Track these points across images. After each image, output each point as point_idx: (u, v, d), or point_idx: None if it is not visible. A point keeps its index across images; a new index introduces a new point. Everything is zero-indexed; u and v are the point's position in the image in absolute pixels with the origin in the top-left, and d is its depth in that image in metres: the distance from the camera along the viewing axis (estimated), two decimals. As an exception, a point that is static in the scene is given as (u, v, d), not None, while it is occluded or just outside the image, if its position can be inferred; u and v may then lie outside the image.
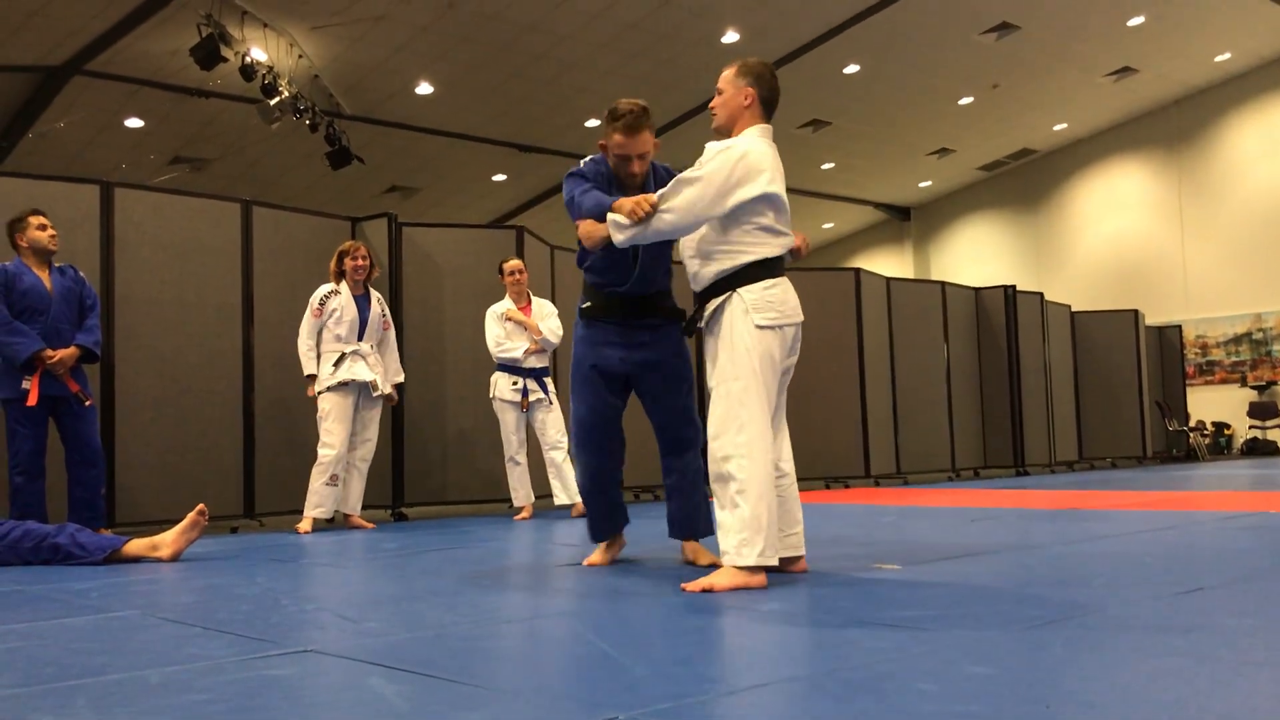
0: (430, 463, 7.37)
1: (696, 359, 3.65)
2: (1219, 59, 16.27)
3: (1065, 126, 18.47)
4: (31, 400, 5.10)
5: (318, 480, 6.04)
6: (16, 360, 5.08)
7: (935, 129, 17.87)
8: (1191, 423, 15.43)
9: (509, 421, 6.75)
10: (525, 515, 6.67)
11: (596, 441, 3.78)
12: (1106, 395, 13.04)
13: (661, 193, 3.20)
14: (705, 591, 2.95)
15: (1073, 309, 13.11)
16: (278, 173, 16.50)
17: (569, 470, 6.64)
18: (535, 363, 6.77)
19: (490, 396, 6.81)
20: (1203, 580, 3.01)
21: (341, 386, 6.10)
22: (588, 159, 3.68)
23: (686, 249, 3.33)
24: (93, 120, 14.20)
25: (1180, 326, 15.55)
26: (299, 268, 6.89)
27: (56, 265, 5.39)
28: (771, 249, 3.18)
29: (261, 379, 6.71)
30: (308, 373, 6.11)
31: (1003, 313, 11.53)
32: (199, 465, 6.39)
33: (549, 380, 6.82)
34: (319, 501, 6.04)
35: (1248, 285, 16.93)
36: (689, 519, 3.78)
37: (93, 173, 7.84)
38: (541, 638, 2.54)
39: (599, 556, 3.84)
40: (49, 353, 5.14)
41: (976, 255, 21.02)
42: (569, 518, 6.40)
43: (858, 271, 9.97)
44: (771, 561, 3.02)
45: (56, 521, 4.81)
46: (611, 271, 3.60)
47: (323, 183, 15.92)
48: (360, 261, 6.21)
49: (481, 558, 4.34)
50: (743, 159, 3.13)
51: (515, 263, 6.88)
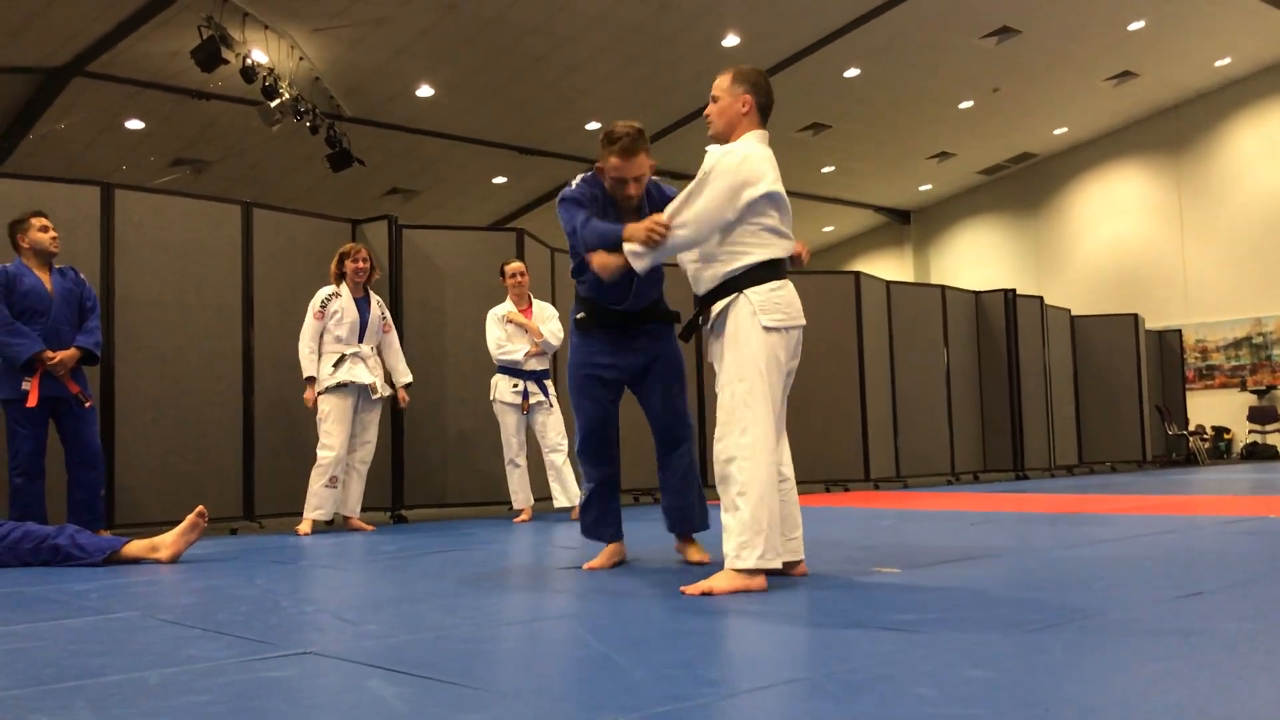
0: (430, 465, 7.37)
1: (696, 361, 3.66)
2: (1219, 63, 16.29)
3: (1065, 130, 18.48)
4: (31, 401, 5.10)
5: (317, 482, 6.05)
6: (17, 361, 5.09)
7: (935, 132, 17.88)
8: (1191, 427, 15.43)
9: (509, 424, 6.75)
10: (525, 518, 6.68)
11: (597, 449, 3.84)
12: (1106, 399, 13.04)
13: (669, 209, 3.19)
14: (704, 594, 2.96)
15: (1073, 313, 13.11)
16: (278, 175, 16.51)
17: (569, 473, 6.65)
18: (536, 365, 6.77)
19: (490, 399, 6.81)
20: (1202, 584, 3.01)
21: (341, 388, 6.10)
22: (578, 180, 3.66)
23: (687, 253, 3.29)
24: (93, 122, 14.21)
25: (1180, 330, 15.56)
26: (299, 270, 6.89)
27: (57, 267, 5.39)
28: (777, 250, 3.16)
29: (261, 381, 6.71)
30: (307, 374, 6.12)
31: (1003, 316, 11.53)
32: (199, 467, 6.39)
33: (549, 383, 6.82)
34: (318, 503, 6.05)
35: (1248, 289, 16.93)
36: (682, 515, 3.86)
37: (93, 174, 7.86)
38: (541, 640, 2.54)
39: (600, 560, 3.85)
40: (49, 354, 5.14)
41: (976, 259, 21.03)
42: (568, 520, 6.39)
43: (858, 275, 9.97)
44: (773, 565, 2.99)
45: (56, 523, 4.81)
46: (608, 290, 3.59)
47: (323, 185, 15.93)
48: (361, 264, 6.22)
49: (481, 560, 4.34)
50: (745, 160, 3.13)
51: (516, 265, 6.88)
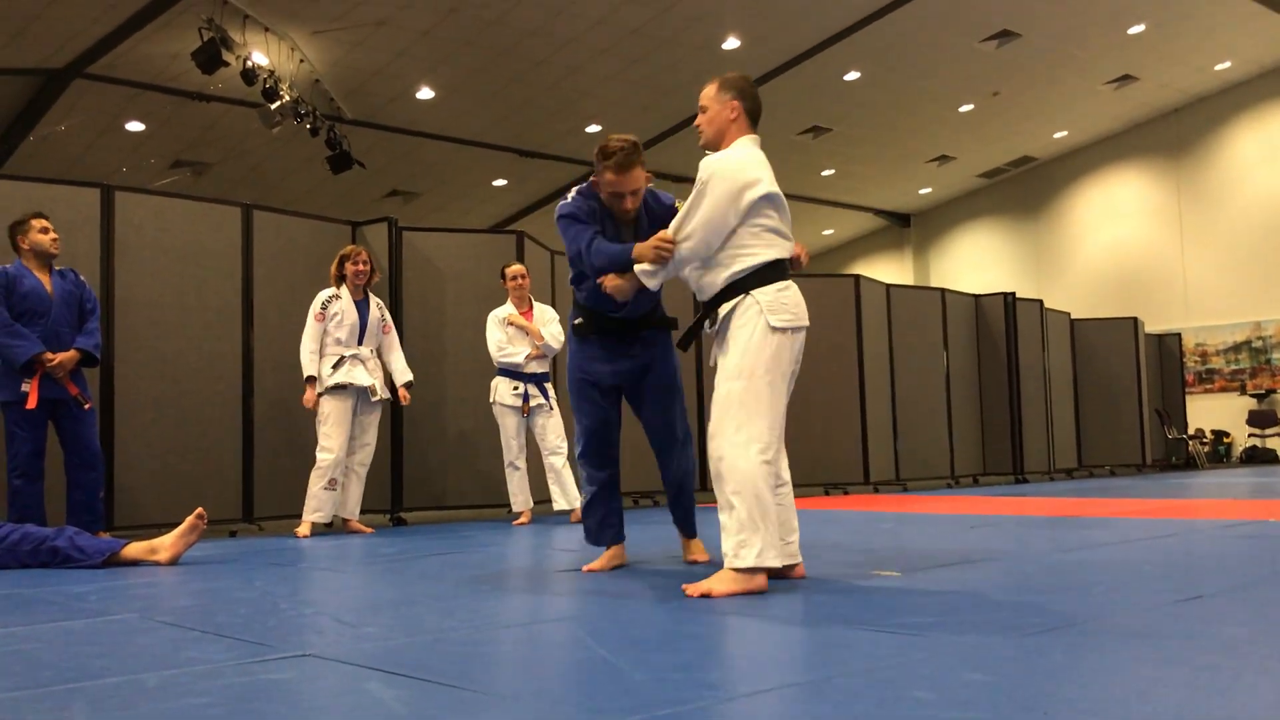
0: (429, 467, 7.37)
1: (697, 366, 3.65)
2: (1219, 67, 16.30)
3: (1065, 134, 18.49)
4: (31, 403, 5.10)
5: (316, 484, 6.05)
6: (16, 363, 5.09)
7: (935, 136, 17.89)
8: (1191, 431, 15.43)
9: (509, 426, 6.75)
10: (524, 520, 6.67)
11: (599, 452, 3.85)
12: (1106, 403, 13.03)
13: (674, 224, 3.21)
14: (704, 596, 2.95)
15: (1072, 316, 13.11)
16: (278, 177, 16.51)
17: (568, 475, 6.65)
18: (536, 368, 6.76)
19: (490, 401, 6.81)
20: (1202, 588, 3.00)
21: (340, 390, 6.10)
22: (573, 193, 3.66)
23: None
24: (94, 124, 14.22)
25: (1180, 334, 15.56)
26: (299, 272, 6.89)
27: (57, 268, 5.39)
28: (780, 250, 3.16)
29: (261, 382, 6.71)
30: (308, 374, 6.10)
31: (1002, 320, 11.53)
32: (198, 468, 6.39)
33: (549, 385, 6.82)
34: (317, 506, 6.05)
35: (1247, 293, 16.94)
36: (682, 517, 3.96)
37: (93, 176, 7.87)
38: (540, 643, 2.54)
39: (599, 563, 3.85)
40: (49, 356, 5.14)
41: (976, 262, 21.04)
42: (568, 523, 6.39)
43: (857, 278, 9.97)
44: (772, 563, 2.96)
45: (55, 524, 4.80)
46: (605, 299, 3.57)
47: (323, 187, 15.93)
48: (361, 266, 6.23)
49: (480, 563, 4.34)
50: (741, 164, 3.14)
51: (517, 268, 6.88)
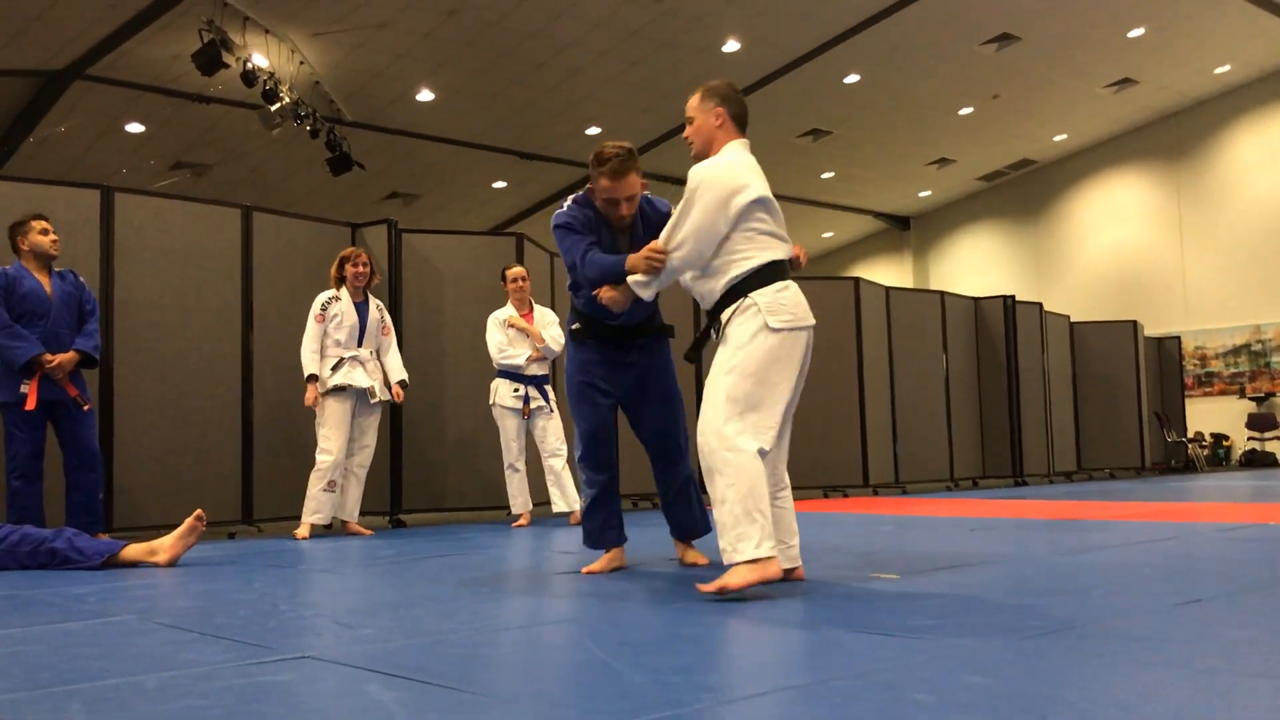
0: (429, 469, 7.37)
1: (697, 374, 3.65)
2: (1219, 71, 16.31)
3: (1065, 137, 18.50)
4: (30, 404, 5.10)
5: (316, 486, 6.05)
6: (15, 364, 5.08)
7: (935, 139, 17.90)
8: (1190, 434, 15.43)
9: (509, 428, 6.75)
10: (524, 522, 6.67)
11: (599, 456, 3.84)
12: (1105, 406, 13.03)
13: (664, 234, 3.22)
14: (720, 591, 2.90)
15: (1072, 319, 13.11)
16: (278, 179, 16.51)
17: (568, 478, 6.65)
18: (536, 370, 6.77)
19: (490, 403, 6.80)
20: (1201, 591, 3.00)
21: (339, 391, 6.10)
22: (569, 202, 3.66)
23: (688, 274, 3.29)
24: (94, 125, 14.22)
25: (1179, 337, 15.56)
26: (299, 273, 6.89)
27: (56, 270, 5.39)
28: (777, 252, 3.15)
29: (261, 384, 6.71)
30: (309, 373, 6.08)
31: (1002, 323, 11.53)
32: (197, 470, 6.38)
33: (549, 388, 6.82)
34: (317, 507, 6.04)
35: (1247, 297, 16.94)
36: (682, 524, 4.00)
37: (93, 178, 7.87)
38: (539, 645, 2.54)
39: (599, 565, 3.85)
40: (48, 357, 5.14)
41: (976, 265, 21.05)
42: (567, 525, 6.39)
43: (857, 281, 9.97)
44: (771, 553, 2.92)
45: (54, 526, 4.80)
46: (603, 308, 3.55)
47: (323, 189, 15.93)
48: (361, 268, 6.23)
49: (480, 565, 4.34)
50: (728, 170, 3.15)
51: (518, 270, 6.88)
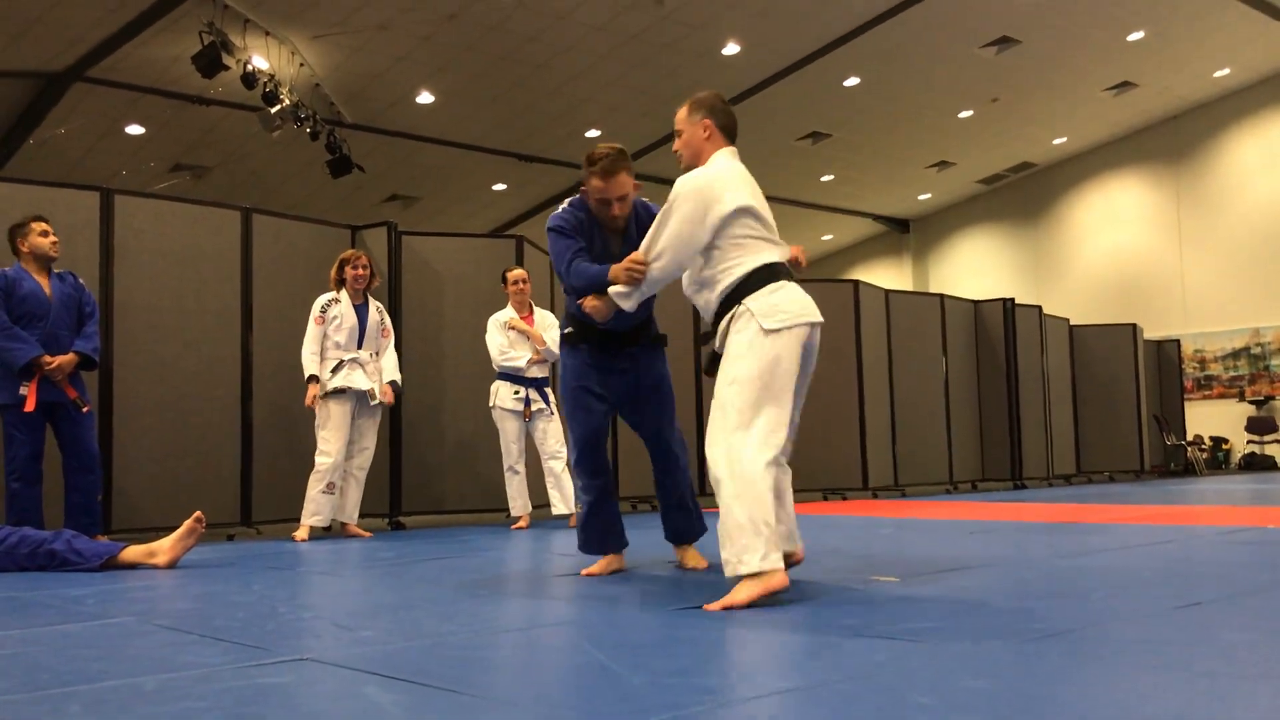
0: (428, 471, 7.37)
1: (696, 383, 3.63)
2: (1218, 74, 16.32)
3: (1065, 140, 18.51)
4: (29, 406, 5.10)
5: (315, 488, 6.04)
6: (14, 366, 5.08)
7: (935, 142, 17.91)
8: (1189, 437, 15.43)
9: (509, 430, 6.74)
10: (523, 525, 6.67)
11: (594, 462, 3.82)
12: (1104, 409, 13.04)
13: (644, 244, 3.22)
14: (727, 609, 2.85)
15: (1071, 322, 13.12)
16: (278, 181, 16.51)
17: (567, 480, 6.64)
18: (537, 372, 6.77)
19: (490, 405, 6.80)
20: (1200, 595, 3.00)
21: (339, 394, 6.10)
22: (565, 205, 3.67)
23: (687, 287, 3.30)
24: (94, 127, 14.22)
25: (1178, 341, 15.57)
26: (299, 276, 6.89)
27: (56, 272, 5.39)
28: (769, 255, 3.13)
29: (260, 386, 6.71)
30: (309, 373, 6.07)
31: (1001, 326, 11.53)
32: (197, 472, 6.38)
33: (549, 390, 6.82)
34: (316, 510, 6.04)
35: (1246, 300, 16.95)
36: (679, 528, 4.01)
37: (93, 179, 7.87)
38: (538, 647, 2.54)
39: (598, 567, 3.84)
40: (47, 359, 5.13)
41: (975, 268, 21.05)
42: (567, 527, 6.39)
43: (857, 283, 9.97)
44: (776, 565, 2.90)
45: (53, 527, 4.80)
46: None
47: (323, 191, 15.93)
48: (361, 271, 6.23)
49: (479, 567, 4.34)
50: (707, 181, 3.14)
51: (519, 272, 6.88)
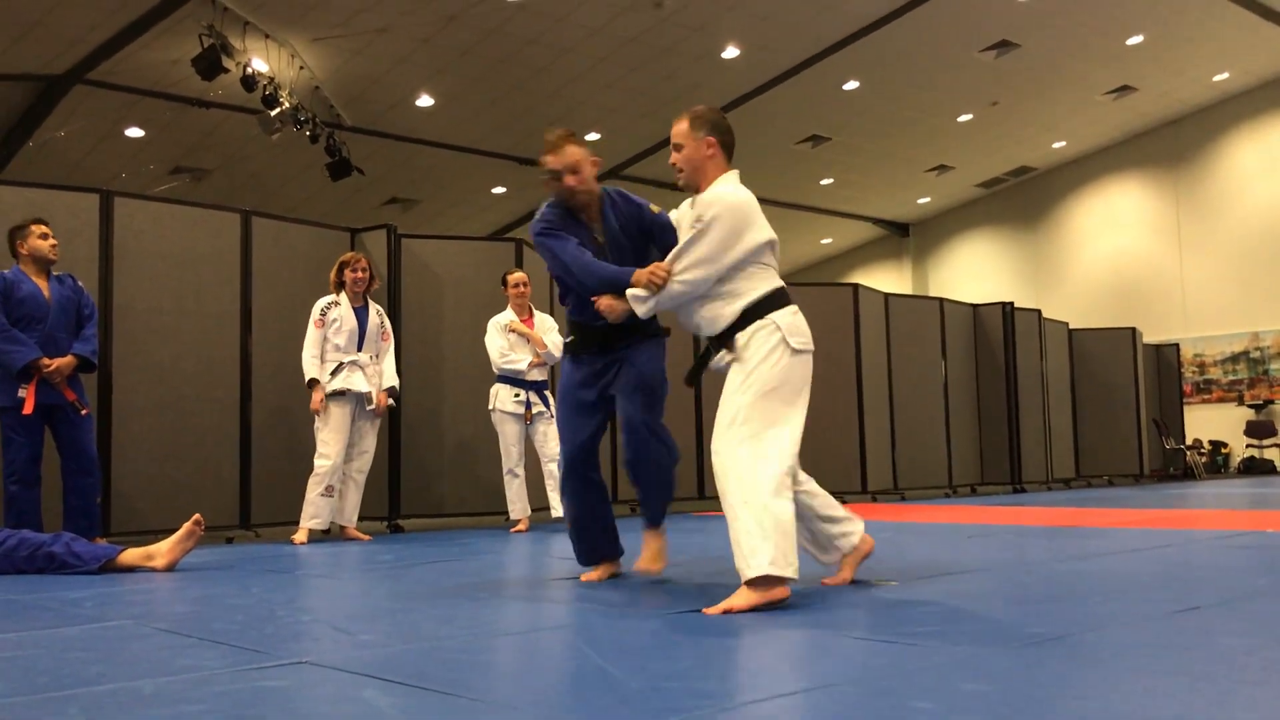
0: (427, 474, 7.36)
1: (696, 393, 3.60)
2: (1217, 78, 16.34)
3: (1064, 144, 18.53)
4: (27, 409, 5.09)
5: (314, 491, 6.04)
6: (13, 368, 5.08)
7: (934, 145, 17.92)
8: (1188, 441, 15.43)
9: (509, 434, 6.74)
10: (522, 528, 6.66)
11: (580, 478, 3.77)
12: (1104, 413, 13.03)
13: (671, 256, 3.24)
14: (726, 613, 2.84)
15: (1070, 326, 13.12)
16: (278, 183, 16.52)
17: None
18: (537, 375, 6.77)
19: (490, 408, 6.80)
20: (1200, 599, 3.00)
21: (338, 396, 6.09)
22: (542, 209, 3.62)
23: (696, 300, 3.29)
24: (93, 129, 14.22)
25: (1178, 345, 15.57)
26: (298, 278, 6.89)
27: (55, 274, 5.39)
28: (779, 281, 3.26)
29: (259, 388, 6.70)
30: (310, 377, 6.06)
31: (1000, 329, 11.53)
32: (196, 475, 6.38)
33: (549, 393, 6.82)
34: (315, 513, 6.03)
35: (1245, 304, 16.96)
36: (643, 500, 3.88)
37: (93, 182, 7.87)
38: (537, 651, 2.53)
39: (596, 573, 3.82)
40: (45, 361, 5.13)
41: (975, 272, 21.06)
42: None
43: (856, 287, 9.97)
44: (785, 573, 2.87)
45: (52, 530, 4.80)
46: (592, 312, 3.52)
47: (323, 194, 15.94)
48: (360, 273, 6.23)
49: (478, 570, 4.34)
50: (744, 203, 3.21)
51: (519, 275, 6.88)
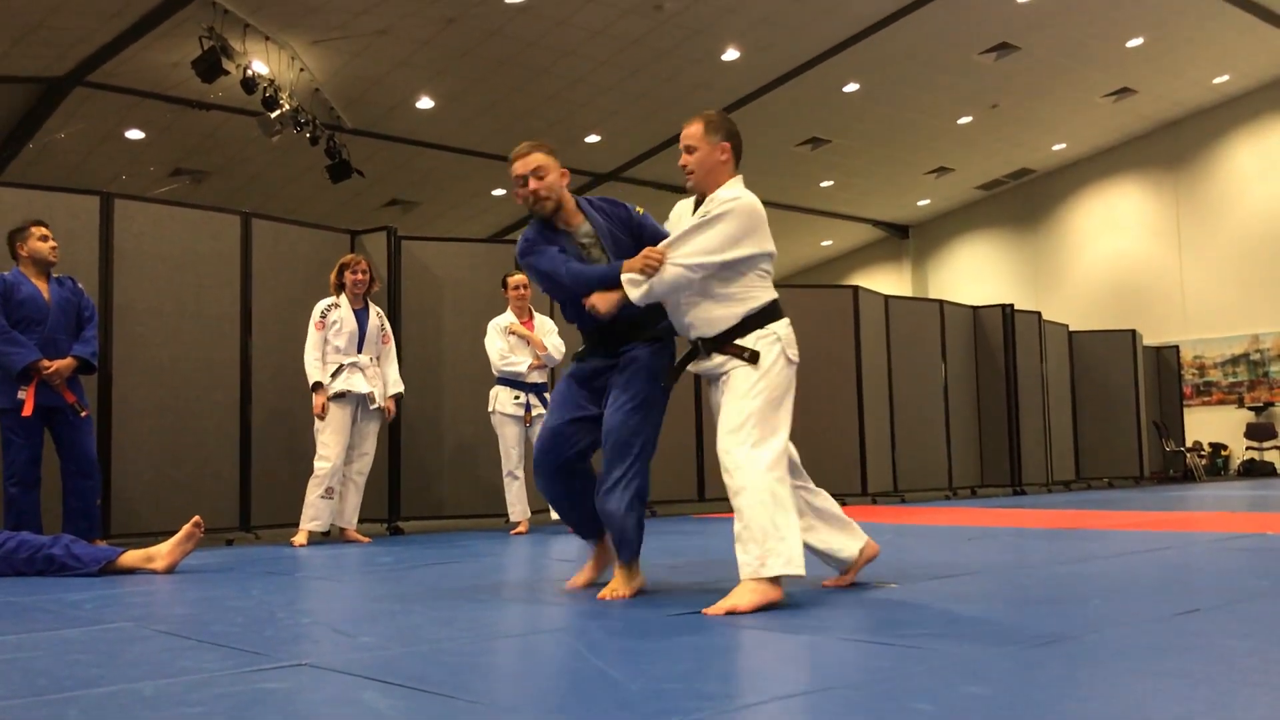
0: (427, 476, 7.36)
1: (695, 397, 3.57)
2: (1217, 80, 16.34)
3: (1064, 146, 18.53)
4: (27, 410, 5.09)
5: (313, 493, 6.04)
6: (12, 370, 5.08)
7: (934, 148, 17.93)
8: (1189, 443, 15.43)
9: (509, 435, 6.74)
10: (522, 530, 6.66)
11: (553, 463, 3.53)
12: (1104, 415, 13.03)
13: (666, 241, 3.26)
14: (730, 613, 2.84)
15: (1070, 328, 13.12)
16: (278, 186, 16.52)
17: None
18: (536, 378, 6.77)
19: (489, 410, 6.80)
20: (1199, 601, 3.00)
21: (339, 398, 6.09)
22: (524, 231, 3.64)
23: (693, 299, 3.28)
24: (94, 131, 14.23)
25: (1178, 347, 15.57)
26: (298, 280, 6.90)
27: (55, 276, 5.39)
28: (775, 293, 3.32)
29: (259, 390, 6.70)
30: (313, 380, 6.05)
31: (1000, 331, 11.54)
32: (195, 477, 6.37)
33: (549, 395, 6.82)
34: (315, 514, 6.03)
35: (1245, 306, 16.95)
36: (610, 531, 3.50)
37: (93, 184, 7.87)
38: (537, 653, 2.53)
39: (581, 578, 3.69)
40: (45, 363, 5.13)
41: (975, 274, 21.06)
42: (566, 533, 6.38)
43: (856, 289, 9.97)
44: (795, 571, 2.92)
45: (51, 532, 4.79)
46: (586, 316, 3.47)
47: (323, 196, 15.94)
48: (360, 275, 6.23)
49: (477, 572, 4.34)
50: (758, 209, 3.26)
51: (520, 277, 6.87)
